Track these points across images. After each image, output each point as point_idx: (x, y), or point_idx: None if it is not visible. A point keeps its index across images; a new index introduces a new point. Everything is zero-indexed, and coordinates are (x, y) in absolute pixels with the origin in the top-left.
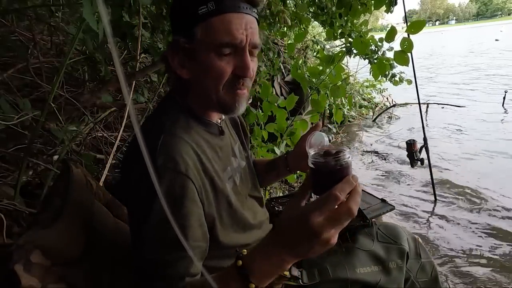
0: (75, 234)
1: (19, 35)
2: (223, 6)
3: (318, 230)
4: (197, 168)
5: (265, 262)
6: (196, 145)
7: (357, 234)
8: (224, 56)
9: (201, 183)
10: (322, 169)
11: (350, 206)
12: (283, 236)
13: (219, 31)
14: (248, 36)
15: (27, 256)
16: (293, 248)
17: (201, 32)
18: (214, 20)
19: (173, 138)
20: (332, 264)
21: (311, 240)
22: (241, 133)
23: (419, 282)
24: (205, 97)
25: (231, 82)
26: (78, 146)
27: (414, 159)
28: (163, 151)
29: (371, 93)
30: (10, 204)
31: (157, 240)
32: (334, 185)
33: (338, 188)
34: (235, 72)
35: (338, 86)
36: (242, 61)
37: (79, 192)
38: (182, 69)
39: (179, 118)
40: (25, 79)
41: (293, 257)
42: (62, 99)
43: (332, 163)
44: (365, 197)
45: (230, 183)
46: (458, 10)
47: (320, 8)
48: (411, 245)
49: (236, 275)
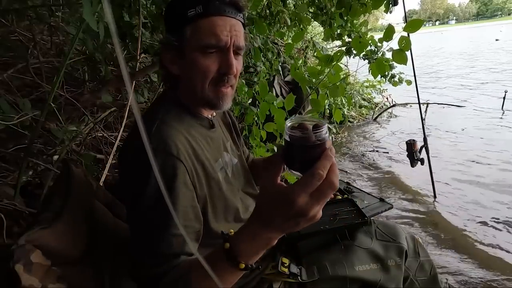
0: (75, 234)
1: (19, 35)
2: (209, 10)
3: (305, 209)
4: (188, 153)
5: (252, 242)
6: (188, 133)
7: (356, 232)
8: (210, 54)
9: (192, 167)
10: (299, 143)
11: (332, 180)
12: (267, 218)
13: (205, 33)
14: (232, 38)
15: (27, 256)
16: (279, 226)
17: (189, 33)
18: (201, 22)
19: (166, 126)
20: (331, 261)
21: (298, 218)
22: (233, 132)
23: (418, 280)
24: (192, 93)
25: (216, 79)
26: (78, 146)
27: (414, 159)
28: (155, 136)
29: (371, 93)
30: (10, 204)
31: (150, 219)
32: (311, 160)
33: (320, 166)
34: (220, 70)
35: (337, 86)
36: (227, 60)
37: (79, 192)
38: (172, 66)
39: (172, 109)
40: (25, 79)
41: (279, 233)
42: (62, 99)
43: (311, 138)
44: (364, 196)
45: (222, 173)
46: (458, 10)
47: (319, 8)
48: (410, 243)
49: (224, 256)
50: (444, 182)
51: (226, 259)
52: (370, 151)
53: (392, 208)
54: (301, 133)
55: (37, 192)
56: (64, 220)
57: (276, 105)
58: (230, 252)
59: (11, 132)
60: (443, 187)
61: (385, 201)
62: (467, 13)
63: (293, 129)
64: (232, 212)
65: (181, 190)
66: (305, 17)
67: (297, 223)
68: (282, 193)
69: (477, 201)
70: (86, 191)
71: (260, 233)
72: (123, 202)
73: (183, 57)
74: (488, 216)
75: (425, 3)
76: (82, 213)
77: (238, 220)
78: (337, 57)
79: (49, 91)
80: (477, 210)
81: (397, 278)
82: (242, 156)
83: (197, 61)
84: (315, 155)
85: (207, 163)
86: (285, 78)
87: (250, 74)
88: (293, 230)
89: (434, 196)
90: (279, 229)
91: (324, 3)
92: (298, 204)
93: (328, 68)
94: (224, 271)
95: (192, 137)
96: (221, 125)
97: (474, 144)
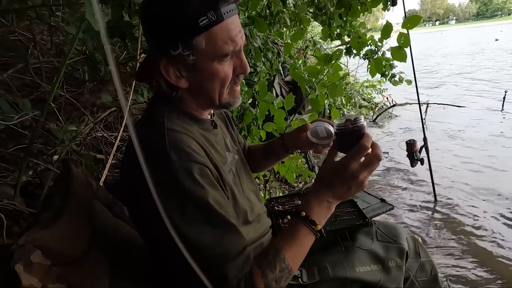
0: (75, 234)
1: (19, 35)
2: (221, 14)
3: (356, 173)
4: (206, 158)
5: (319, 207)
6: (197, 138)
7: (357, 233)
8: (227, 59)
9: (214, 170)
10: (346, 131)
11: (376, 152)
12: (328, 183)
13: (223, 41)
14: (242, 37)
15: (27, 256)
16: (337, 191)
17: (205, 43)
18: (215, 29)
19: (177, 133)
20: (332, 263)
21: (350, 182)
22: (229, 126)
23: (419, 281)
24: (205, 100)
25: (232, 82)
26: (78, 146)
27: (414, 159)
28: (173, 146)
29: (371, 93)
30: (10, 204)
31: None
32: (357, 141)
33: (364, 141)
34: (236, 71)
35: (336, 85)
36: (241, 61)
37: (79, 192)
38: (179, 80)
39: (175, 117)
40: (25, 79)
41: (336, 199)
42: (62, 99)
43: (352, 126)
44: (365, 197)
45: (230, 175)
46: (458, 10)
47: (318, 8)
48: (411, 244)
49: (302, 223)
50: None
51: (306, 224)
52: None
53: (393, 209)
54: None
55: (37, 192)
56: (64, 220)
57: (276, 105)
58: (308, 217)
59: (11, 132)
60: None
61: (386, 202)
62: (467, 13)
63: (339, 124)
64: (242, 215)
65: (218, 194)
66: (305, 17)
67: (349, 186)
68: (338, 163)
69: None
70: (86, 191)
71: (324, 197)
72: (123, 202)
73: (193, 69)
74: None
75: (425, 3)
76: (82, 213)
77: (246, 223)
78: (336, 56)
79: (49, 91)
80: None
81: (397, 279)
82: (240, 151)
83: (215, 71)
84: (357, 137)
85: (220, 167)
86: (285, 78)
87: (250, 74)
88: (346, 195)
89: (434, 196)
90: (336, 192)
91: (323, 3)
92: (350, 168)
93: (327, 67)
94: (305, 236)
95: (201, 142)
96: (219, 122)
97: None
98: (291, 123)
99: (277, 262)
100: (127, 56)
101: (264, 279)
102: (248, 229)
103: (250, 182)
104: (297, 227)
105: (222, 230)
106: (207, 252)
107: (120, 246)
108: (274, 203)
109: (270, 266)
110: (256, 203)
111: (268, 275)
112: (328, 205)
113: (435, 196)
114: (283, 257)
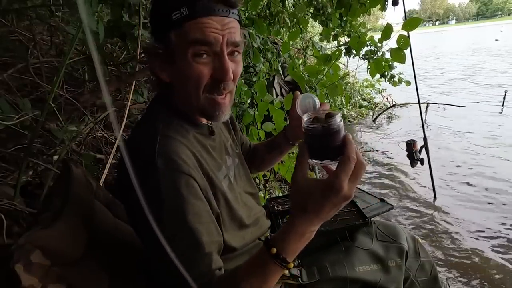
0: (75, 234)
1: (19, 35)
2: (196, 11)
3: (348, 192)
4: (196, 168)
5: (298, 243)
6: (191, 145)
7: (356, 233)
8: (201, 59)
9: (201, 181)
10: (318, 134)
11: (361, 160)
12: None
13: (192, 35)
14: (225, 36)
15: (27, 256)
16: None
17: (175, 37)
18: (187, 25)
19: (169, 140)
20: (332, 262)
21: (342, 202)
22: (231, 129)
23: (419, 281)
24: (187, 101)
25: (210, 86)
26: (78, 146)
27: (414, 159)
28: (161, 153)
29: (371, 93)
30: (10, 204)
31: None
32: (332, 148)
33: (350, 150)
34: (214, 76)
35: (335, 85)
36: (221, 64)
37: (79, 192)
38: (161, 72)
39: (171, 120)
40: (25, 79)
41: (321, 223)
42: (62, 99)
43: (328, 127)
44: (364, 197)
45: (225, 182)
46: (458, 10)
47: (317, 8)
48: (410, 244)
49: (272, 261)
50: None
51: (276, 263)
52: (369, 151)
53: (393, 209)
54: (316, 124)
55: (37, 192)
56: (64, 220)
57: (275, 105)
58: (279, 255)
59: (11, 132)
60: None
61: (386, 202)
62: (467, 13)
63: (312, 123)
64: (237, 220)
65: (199, 206)
66: (303, 18)
67: (339, 207)
68: (325, 184)
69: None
70: (86, 191)
71: (309, 229)
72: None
73: (172, 63)
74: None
75: (425, 3)
76: (82, 213)
77: (243, 227)
78: (335, 56)
79: (49, 91)
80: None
81: (397, 278)
82: (241, 154)
83: (187, 68)
84: (334, 142)
85: (212, 174)
86: (285, 78)
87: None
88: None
89: (434, 196)
90: (325, 217)
91: (322, 3)
92: (344, 190)
93: (327, 67)
94: (273, 273)
95: (195, 149)
96: (220, 126)
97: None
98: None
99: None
100: (127, 56)
101: None
102: (244, 233)
103: (249, 185)
104: (266, 262)
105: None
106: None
107: (119, 246)
108: (274, 203)
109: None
110: (255, 207)
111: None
112: (310, 235)
113: (435, 196)
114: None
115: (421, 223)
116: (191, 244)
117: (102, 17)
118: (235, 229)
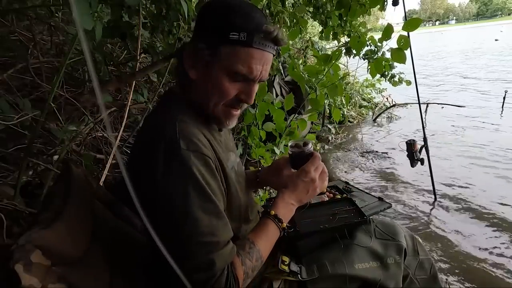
0: (75, 234)
1: (19, 35)
2: (252, 41)
3: (313, 177)
4: (211, 151)
5: (285, 209)
6: (205, 133)
7: (355, 231)
8: (236, 82)
9: (216, 163)
10: (298, 155)
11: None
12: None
13: (240, 62)
14: (262, 73)
15: (27, 256)
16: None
17: (224, 54)
18: (240, 49)
19: (187, 125)
20: (331, 260)
21: (309, 185)
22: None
23: (418, 279)
24: (204, 103)
25: (231, 101)
26: (78, 146)
27: (414, 159)
28: (182, 135)
29: (371, 93)
30: (10, 204)
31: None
32: (304, 162)
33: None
34: (238, 96)
35: (335, 85)
36: (249, 90)
37: (79, 192)
38: (191, 69)
39: (186, 111)
40: (25, 79)
41: (297, 202)
42: (62, 99)
43: (303, 151)
44: (363, 196)
45: (233, 173)
46: (458, 10)
47: (316, 7)
48: (409, 242)
49: (271, 220)
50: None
51: (275, 222)
52: (369, 151)
53: (391, 207)
54: (298, 149)
55: (37, 192)
56: (64, 220)
57: (275, 105)
58: (276, 216)
59: (11, 132)
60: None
61: (384, 200)
62: (467, 13)
63: (293, 148)
64: (243, 211)
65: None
66: (302, 18)
67: (307, 190)
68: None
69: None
70: (86, 191)
71: (289, 200)
72: (123, 202)
73: (207, 68)
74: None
75: (425, 3)
76: (82, 213)
77: (247, 221)
78: (335, 56)
79: (49, 91)
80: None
81: (396, 276)
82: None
83: (220, 81)
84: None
85: (223, 162)
86: (285, 78)
87: None
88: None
89: (434, 197)
90: (298, 195)
91: (321, 2)
92: (310, 173)
93: (327, 67)
94: (273, 231)
95: (208, 137)
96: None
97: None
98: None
99: (253, 252)
100: (127, 56)
101: (244, 267)
102: (247, 227)
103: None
104: (267, 223)
105: (217, 219)
106: (200, 238)
107: (120, 246)
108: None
109: (248, 256)
110: (255, 204)
111: (247, 264)
112: (292, 207)
113: (435, 195)
114: (258, 248)
115: (421, 223)
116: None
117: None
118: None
